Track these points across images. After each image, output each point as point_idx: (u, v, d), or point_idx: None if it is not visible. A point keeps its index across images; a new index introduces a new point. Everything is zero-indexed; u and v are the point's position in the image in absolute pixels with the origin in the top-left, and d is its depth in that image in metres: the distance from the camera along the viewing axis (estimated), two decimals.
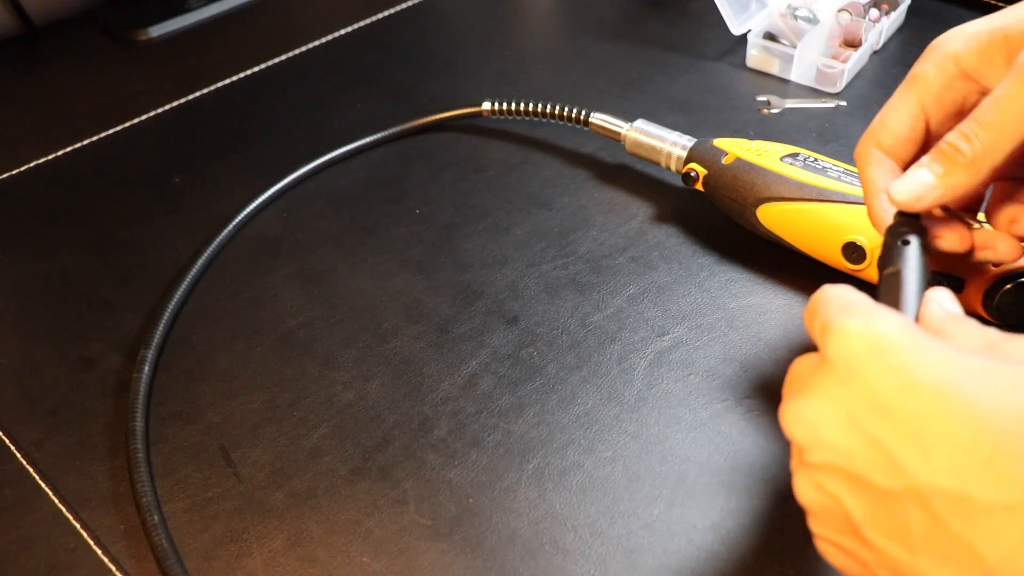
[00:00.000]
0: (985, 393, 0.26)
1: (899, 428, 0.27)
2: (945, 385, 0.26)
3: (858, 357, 0.28)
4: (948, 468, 0.26)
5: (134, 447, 0.45)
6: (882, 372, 0.27)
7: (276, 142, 0.68)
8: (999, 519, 0.24)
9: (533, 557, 0.41)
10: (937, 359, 0.27)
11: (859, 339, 0.28)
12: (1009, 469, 0.24)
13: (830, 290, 0.32)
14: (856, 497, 0.28)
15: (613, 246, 0.57)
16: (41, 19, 0.85)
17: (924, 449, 0.26)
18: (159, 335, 0.51)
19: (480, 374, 0.49)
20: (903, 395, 0.27)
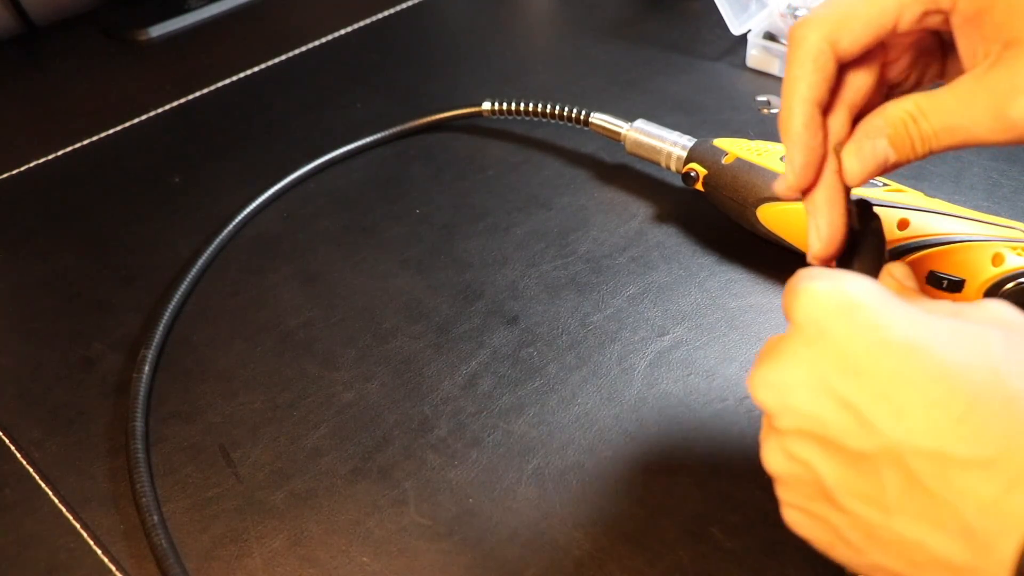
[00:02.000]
0: (955, 350, 0.26)
1: (870, 388, 0.27)
2: (915, 343, 0.26)
3: (826, 318, 0.28)
4: (922, 426, 0.26)
5: (134, 447, 0.45)
6: (851, 332, 0.27)
7: (276, 142, 0.68)
8: (975, 475, 0.25)
9: (533, 557, 0.41)
10: (906, 318, 0.27)
11: (827, 300, 0.28)
12: (983, 425, 0.25)
13: (803, 271, 0.32)
14: (828, 461, 0.28)
15: (613, 246, 0.57)
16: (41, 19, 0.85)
17: (897, 408, 0.26)
18: (159, 335, 0.51)
19: (480, 374, 0.49)
20: (873, 354, 0.27)
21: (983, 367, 0.25)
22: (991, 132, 0.31)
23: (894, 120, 0.34)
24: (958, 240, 0.46)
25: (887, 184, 0.51)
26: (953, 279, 0.46)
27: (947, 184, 0.58)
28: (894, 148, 0.34)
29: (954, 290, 0.46)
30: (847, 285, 0.29)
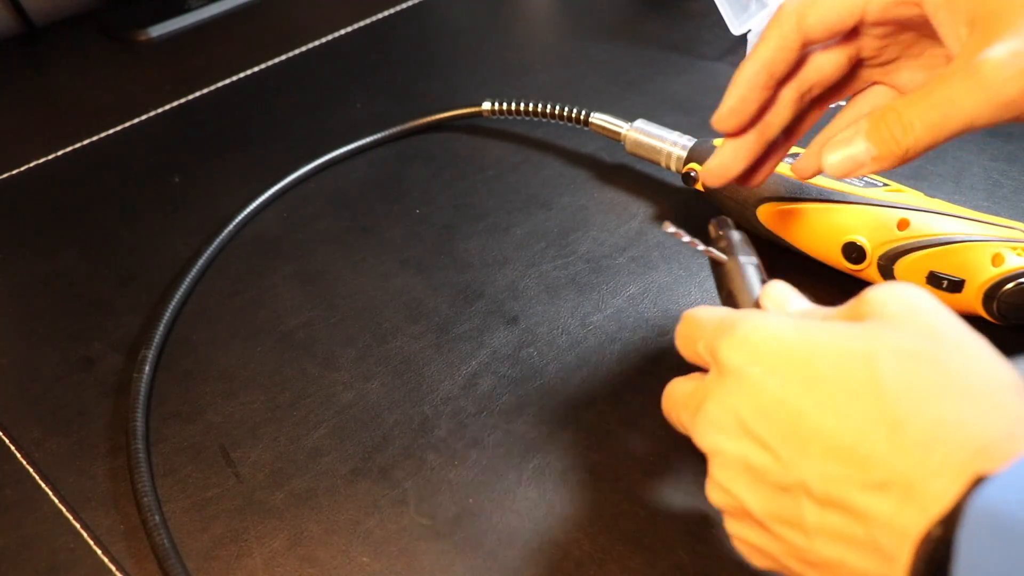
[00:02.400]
0: (845, 383, 0.29)
1: (779, 428, 0.30)
2: (811, 382, 0.29)
3: (744, 364, 0.31)
4: (822, 458, 0.28)
5: (135, 447, 0.45)
6: (764, 374, 0.31)
7: (276, 142, 0.68)
8: (872, 496, 0.27)
9: (533, 557, 0.41)
10: (803, 355, 0.30)
11: (744, 346, 0.32)
12: (872, 451, 0.27)
13: (699, 311, 0.36)
14: (756, 495, 0.31)
15: (613, 246, 0.57)
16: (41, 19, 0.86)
17: (801, 444, 0.29)
18: (159, 335, 0.51)
19: (480, 374, 0.49)
20: (778, 396, 0.30)
21: (870, 395, 0.28)
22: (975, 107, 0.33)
23: (873, 115, 0.36)
24: (958, 240, 0.46)
25: (887, 184, 0.51)
26: (953, 279, 0.46)
27: (947, 184, 0.58)
28: (873, 143, 0.36)
29: (954, 290, 0.46)
30: (758, 334, 0.32)
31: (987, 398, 0.27)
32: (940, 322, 0.30)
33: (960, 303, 0.47)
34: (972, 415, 0.27)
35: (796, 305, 0.36)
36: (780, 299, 0.36)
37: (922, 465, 0.26)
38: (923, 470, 0.26)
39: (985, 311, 0.46)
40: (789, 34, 0.39)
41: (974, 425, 0.27)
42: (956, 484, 0.25)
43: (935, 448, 0.26)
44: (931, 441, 0.27)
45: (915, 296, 0.31)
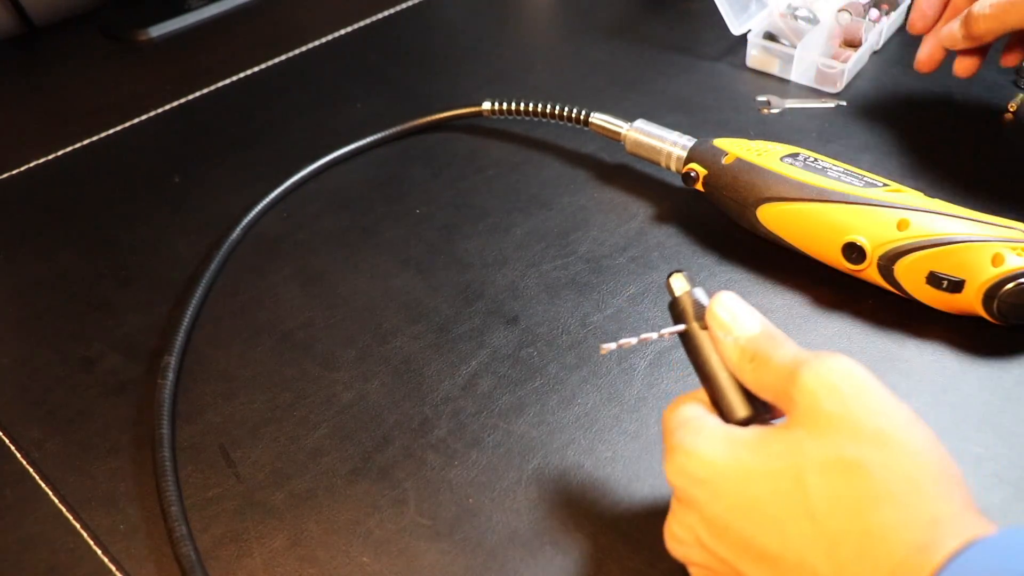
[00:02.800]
0: (780, 506, 0.31)
1: (732, 548, 0.32)
2: (751, 502, 0.31)
3: (686, 491, 0.34)
4: (774, 574, 0.31)
5: (161, 455, 0.45)
6: (706, 501, 0.33)
7: (276, 142, 0.68)
8: None
9: (533, 557, 0.41)
10: (740, 477, 0.32)
11: (684, 474, 0.34)
12: (815, 567, 0.29)
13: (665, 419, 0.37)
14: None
15: (613, 246, 0.57)
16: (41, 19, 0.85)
17: (755, 561, 0.31)
18: (180, 341, 0.51)
19: (480, 374, 0.49)
20: (724, 521, 0.32)
21: (804, 516, 0.30)
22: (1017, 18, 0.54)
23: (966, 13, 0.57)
24: (958, 240, 0.46)
25: (887, 184, 0.51)
26: (953, 279, 0.46)
27: (947, 184, 0.58)
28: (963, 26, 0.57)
29: (954, 290, 0.46)
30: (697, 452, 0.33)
31: (905, 503, 0.29)
32: (863, 415, 0.31)
33: (960, 303, 0.47)
34: (891, 525, 0.29)
35: (744, 324, 0.36)
36: (728, 321, 0.36)
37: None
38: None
39: (985, 311, 0.46)
40: None
41: (894, 538, 0.28)
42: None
43: (865, 564, 0.28)
44: (861, 557, 0.29)
45: (844, 384, 0.32)
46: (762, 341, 0.35)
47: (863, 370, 0.32)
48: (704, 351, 0.37)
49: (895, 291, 0.49)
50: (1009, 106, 0.65)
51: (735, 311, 0.36)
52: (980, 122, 0.64)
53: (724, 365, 0.36)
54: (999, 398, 0.46)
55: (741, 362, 0.35)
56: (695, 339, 0.37)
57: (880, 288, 0.50)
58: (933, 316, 0.49)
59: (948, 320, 0.49)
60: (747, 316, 0.36)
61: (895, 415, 0.31)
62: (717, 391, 0.36)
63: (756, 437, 0.33)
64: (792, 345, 0.35)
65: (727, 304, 0.37)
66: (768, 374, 0.34)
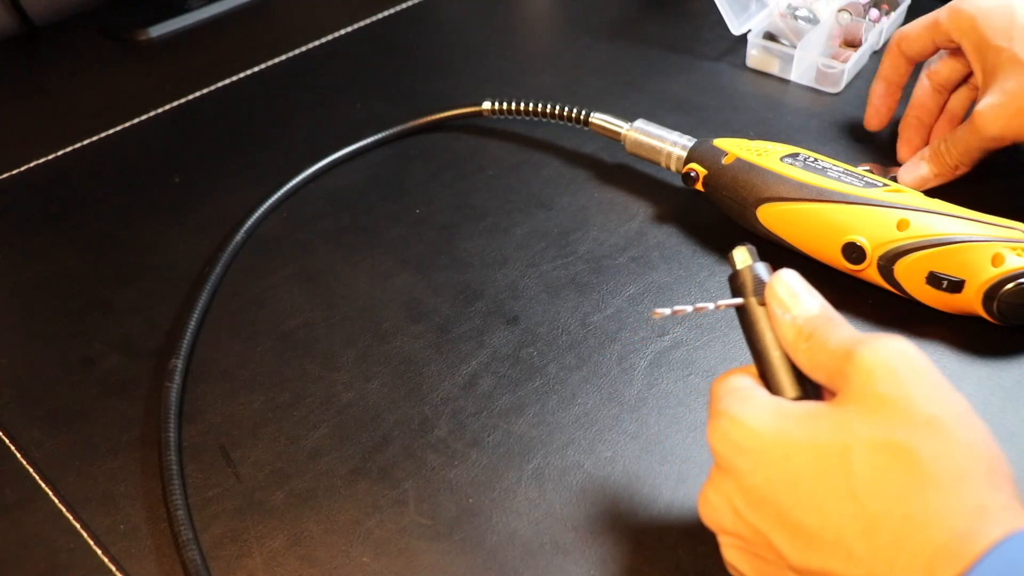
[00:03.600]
0: (822, 482, 0.30)
1: (768, 520, 0.32)
2: (792, 478, 0.31)
3: (727, 458, 0.33)
4: (809, 550, 0.30)
5: (168, 459, 0.45)
6: (747, 470, 0.32)
7: (276, 142, 0.68)
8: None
9: (533, 557, 0.41)
10: (784, 450, 0.32)
11: (727, 441, 0.33)
12: (851, 551, 0.29)
13: (712, 389, 0.36)
14: (756, 570, 0.34)
15: (613, 246, 0.57)
16: (41, 19, 0.85)
17: (791, 535, 0.31)
18: (187, 344, 0.51)
19: (480, 374, 0.49)
20: (763, 493, 0.32)
21: (846, 494, 0.30)
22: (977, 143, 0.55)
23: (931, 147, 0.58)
24: (958, 240, 0.46)
25: (887, 184, 0.51)
26: (953, 279, 0.46)
27: (947, 184, 0.58)
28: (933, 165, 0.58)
29: (954, 290, 0.46)
30: (743, 424, 0.33)
31: (952, 490, 0.29)
32: (919, 399, 0.30)
33: (960, 303, 0.47)
34: (936, 511, 0.28)
35: (804, 303, 0.35)
36: (787, 299, 0.35)
37: (892, 567, 0.28)
38: (893, 572, 0.28)
39: (985, 311, 0.46)
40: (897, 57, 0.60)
41: (937, 523, 0.28)
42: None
43: (903, 547, 0.28)
44: (900, 540, 0.28)
45: (901, 367, 0.31)
46: (820, 322, 0.34)
47: (922, 355, 0.32)
48: (759, 327, 0.36)
49: (895, 291, 0.49)
50: None
51: (796, 289, 0.36)
52: None
53: (778, 343, 0.36)
54: (999, 398, 0.46)
55: (797, 341, 0.35)
56: (751, 314, 0.37)
57: (880, 288, 0.50)
58: (933, 316, 0.49)
59: (948, 320, 0.49)
60: (807, 296, 0.36)
61: (951, 404, 0.31)
62: (768, 368, 0.36)
63: (804, 411, 0.33)
64: (850, 328, 0.34)
65: (788, 282, 0.36)
66: (823, 354, 0.33)
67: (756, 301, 0.37)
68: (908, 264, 0.47)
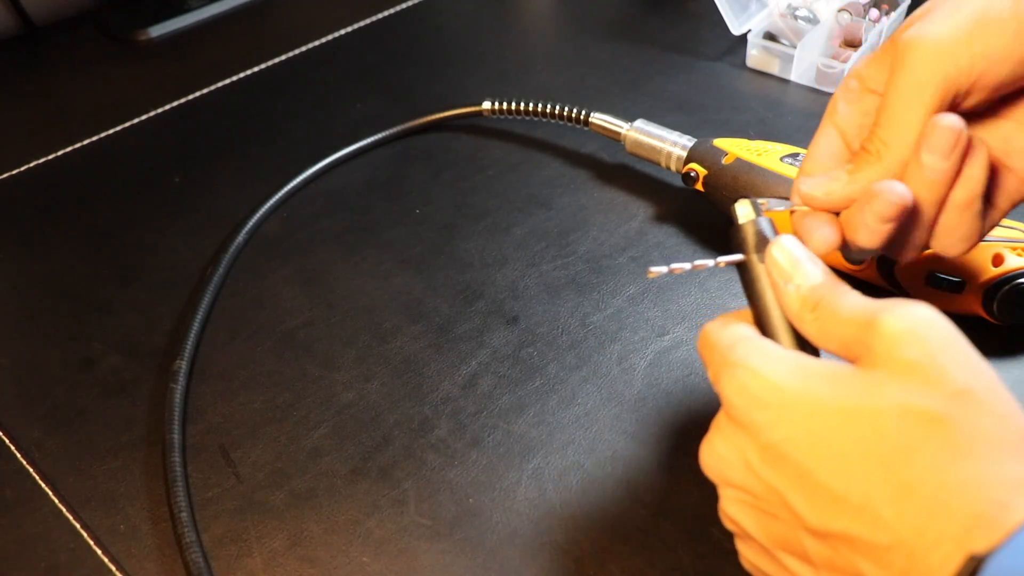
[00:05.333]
0: (852, 442, 0.29)
1: (786, 478, 0.30)
2: (820, 438, 0.30)
3: (744, 411, 0.31)
4: (830, 513, 0.29)
5: (172, 460, 0.45)
6: (766, 425, 0.31)
7: (276, 142, 0.68)
8: (874, 559, 0.28)
9: (533, 557, 0.41)
10: (812, 410, 0.30)
11: (745, 393, 0.31)
12: (878, 514, 0.28)
13: (712, 333, 0.34)
14: (762, 527, 0.32)
15: (613, 246, 0.57)
16: (41, 19, 0.85)
17: (809, 495, 0.30)
18: (191, 346, 0.51)
19: (480, 374, 0.49)
20: (783, 451, 0.30)
21: (876, 459, 0.28)
22: None
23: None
24: None
25: None
26: (953, 279, 0.46)
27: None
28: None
29: (954, 291, 0.46)
30: (763, 376, 0.31)
31: (989, 460, 0.27)
32: (951, 368, 0.29)
33: (960, 303, 0.47)
34: (973, 480, 0.27)
35: (807, 271, 0.34)
36: (789, 267, 0.34)
37: (923, 534, 0.27)
38: (924, 540, 0.27)
39: (985, 311, 0.46)
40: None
41: (975, 492, 0.27)
42: (952, 560, 0.26)
43: (936, 515, 0.27)
44: (933, 508, 0.27)
45: (928, 336, 0.30)
46: (825, 290, 0.33)
47: (948, 321, 0.31)
48: (760, 284, 0.35)
49: (895, 291, 0.49)
50: None
51: (798, 256, 0.34)
52: None
53: (779, 302, 0.34)
54: None
55: (802, 312, 0.33)
56: (752, 271, 0.35)
57: (880, 288, 0.50)
58: None
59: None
60: (809, 263, 0.34)
61: (983, 374, 0.30)
62: (769, 327, 0.35)
63: (830, 370, 0.31)
64: (858, 294, 0.33)
65: (789, 248, 0.34)
66: (835, 323, 0.32)
67: (758, 259, 0.35)
68: (908, 264, 0.47)
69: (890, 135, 0.35)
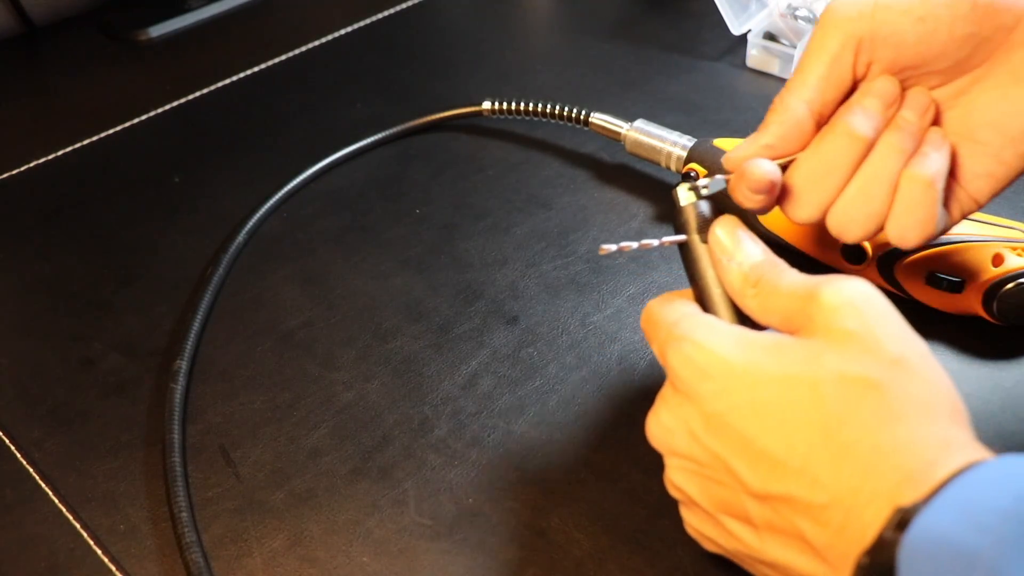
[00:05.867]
0: (793, 408, 0.30)
1: (730, 444, 0.32)
2: (762, 406, 0.31)
3: (690, 383, 0.33)
4: (771, 477, 0.31)
5: (172, 460, 0.44)
6: (710, 395, 0.32)
7: (276, 142, 0.68)
8: (814, 518, 0.29)
9: (533, 557, 0.41)
10: (754, 379, 0.32)
11: (691, 365, 0.33)
12: (817, 476, 0.29)
13: (656, 310, 0.36)
14: (706, 494, 0.34)
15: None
16: (41, 19, 0.85)
17: (751, 462, 0.31)
18: (191, 346, 0.51)
19: (480, 374, 0.49)
20: (727, 420, 0.32)
21: (816, 424, 0.30)
22: None
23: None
24: (958, 240, 0.46)
25: None
26: (953, 279, 0.46)
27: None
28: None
29: (954, 290, 0.46)
30: (707, 349, 0.33)
31: (920, 423, 0.29)
32: (885, 338, 0.31)
33: (960, 303, 0.47)
34: (904, 441, 0.29)
35: (747, 249, 0.36)
36: (730, 245, 0.36)
37: (858, 493, 0.29)
38: (859, 498, 0.28)
39: (985, 311, 0.46)
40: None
41: (905, 452, 0.29)
42: (882, 514, 0.28)
43: (870, 475, 0.29)
44: (867, 468, 0.29)
45: (865, 308, 0.32)
46: (766, 268, 0.35)
47: (883, 296, 0.32)
48: (701, 264, 0.37)
49: (895, 291, 0.49)
50: None
51: (739, 235, 0.36)
52: None
53: (719, 281, 0.36)
54: (999, 398, 0.46)
55: (744, 288, 0.35)
56: (694, 251, 0.37)
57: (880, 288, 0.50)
58: (933, 316, 0.49)
59: (948, 320, 0.49)
60: (750, 242, 0.36)
61: (915, 345, 0.31)
62: (710, 304, 0.36)
63: (772, 342, 0.33)
64: (797, 272, 0.34)
65: (731, 228, 0.36)
66: (776, 298, 0.34)
67: (699, 239, 0.37)
68: (908, 264, 0.47)
69: (789, 94, 0.38)
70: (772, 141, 0.38)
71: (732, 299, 0.36)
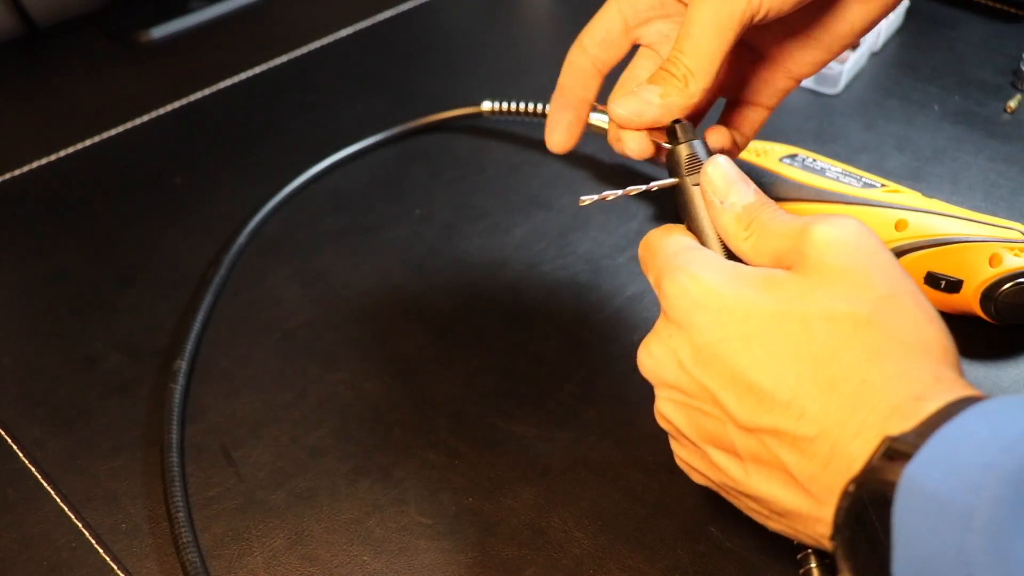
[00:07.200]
0: (784, 342, 0.31)
1: (718, 376, 0.32)
2: (752, 338, 0.31)
3: (684, 313, 0.33)
4: (759, 409, 0.31)
5: (170, 460, 0.45)
6: (702, 326, 0.32)
7: (277, 143, 0.69)
8: (800, 450, 0.30)
9: (533, 556, 0.41)
10: (746, 312, 0.32)
11: (686, 296, 0.33)
12: (805, 409, 0.30)
13: (655, 240, 0.37)
14: (692, 425, 0.34)
15: (613, 246, 0.57)
16: (43, 20, 0.86)
17: (740, 394, 0.31)
18: (191, 346, 0.51)
19: (480, 374, 0.49)
20: (717, 351, 0.32)
21: (806, 357, 0.30)
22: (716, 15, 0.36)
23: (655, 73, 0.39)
24: (956, 240, 0.46)
25: (885, 184, 0.51)
26: (951, 279, 0.46)
27: (945, 185, 0.59)
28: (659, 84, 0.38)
29: (952, 290, 0.46)
30: (700, 281, 0.33)
31: (908, 359, 0.29)
32: (876, 275, 0.31)
33: (958, 303, 0.47)
34: (893, 376, 0.29)
35: (740, 190, 0.36)
36: (723, 186, 0.36)
37: (846, 426, 0.29)
38: (846, 431, 0.29)
39: (983, 311, 0.46)
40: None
41: (894, 387, 0.29)
42: (869, 446, 0.28)
43: (858, 408, 0.29)
44: (856, 402, 0.29)
45: (856, 244, 0.32)
46: (758, 208, 0.35)
47: (874, 233, 0.33)
48: (695, 206, 0.37)
49: None
50: (1007, 106, 0.65)
51: (732, 176, 0.36)
52: (978, 122, 0.64)
53: (712, 222, 0.36)
54: None
55: (736, 230, 0.35)
56: (686, 193, 0.37)
57: None
58: None
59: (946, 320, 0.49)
60: (742, 183, 0.36)
61: (906, 282, 0.31)
62: (703, 244, 0.36)
63: (765, 277, 0.33)
64: (788, 213, 0.35)
65: (724, 168, 0.36)
66: (769, 237, 0.34)
67: (691, 181, 0.37)
68: (906, 264, 0.47)
69: (695, 64, 0.37)
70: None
71: (727, 243, 0.36)
